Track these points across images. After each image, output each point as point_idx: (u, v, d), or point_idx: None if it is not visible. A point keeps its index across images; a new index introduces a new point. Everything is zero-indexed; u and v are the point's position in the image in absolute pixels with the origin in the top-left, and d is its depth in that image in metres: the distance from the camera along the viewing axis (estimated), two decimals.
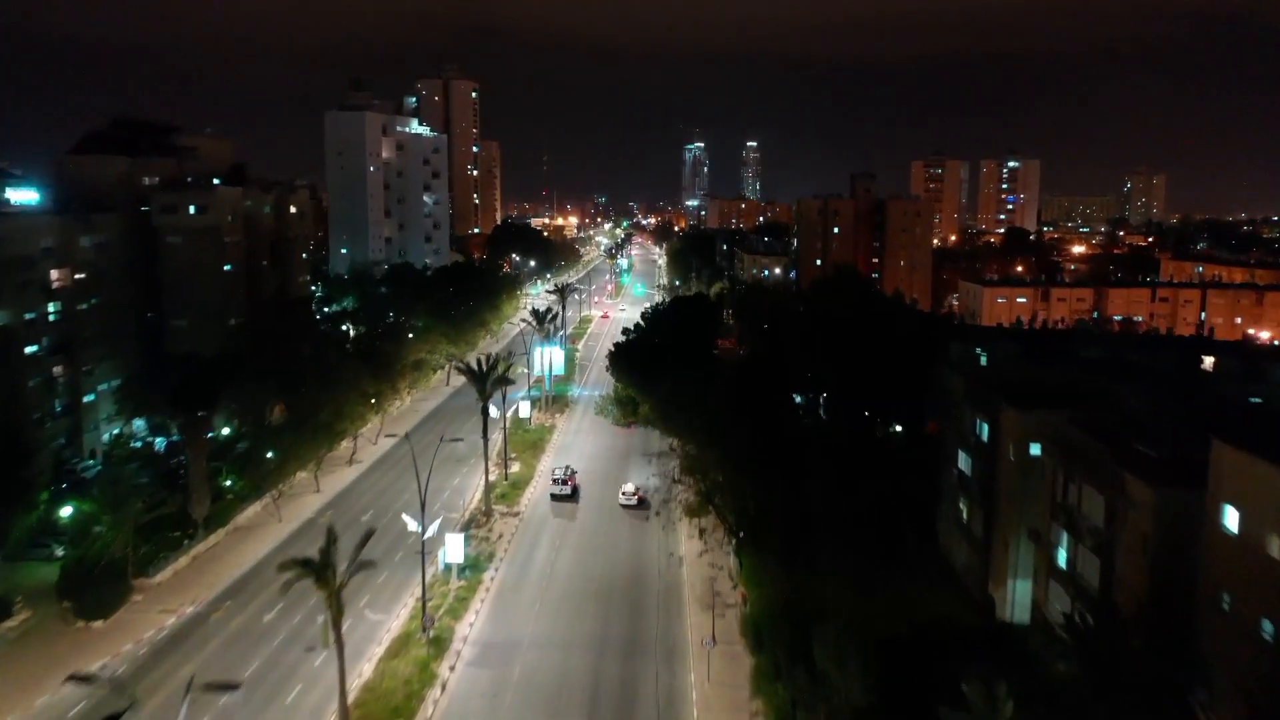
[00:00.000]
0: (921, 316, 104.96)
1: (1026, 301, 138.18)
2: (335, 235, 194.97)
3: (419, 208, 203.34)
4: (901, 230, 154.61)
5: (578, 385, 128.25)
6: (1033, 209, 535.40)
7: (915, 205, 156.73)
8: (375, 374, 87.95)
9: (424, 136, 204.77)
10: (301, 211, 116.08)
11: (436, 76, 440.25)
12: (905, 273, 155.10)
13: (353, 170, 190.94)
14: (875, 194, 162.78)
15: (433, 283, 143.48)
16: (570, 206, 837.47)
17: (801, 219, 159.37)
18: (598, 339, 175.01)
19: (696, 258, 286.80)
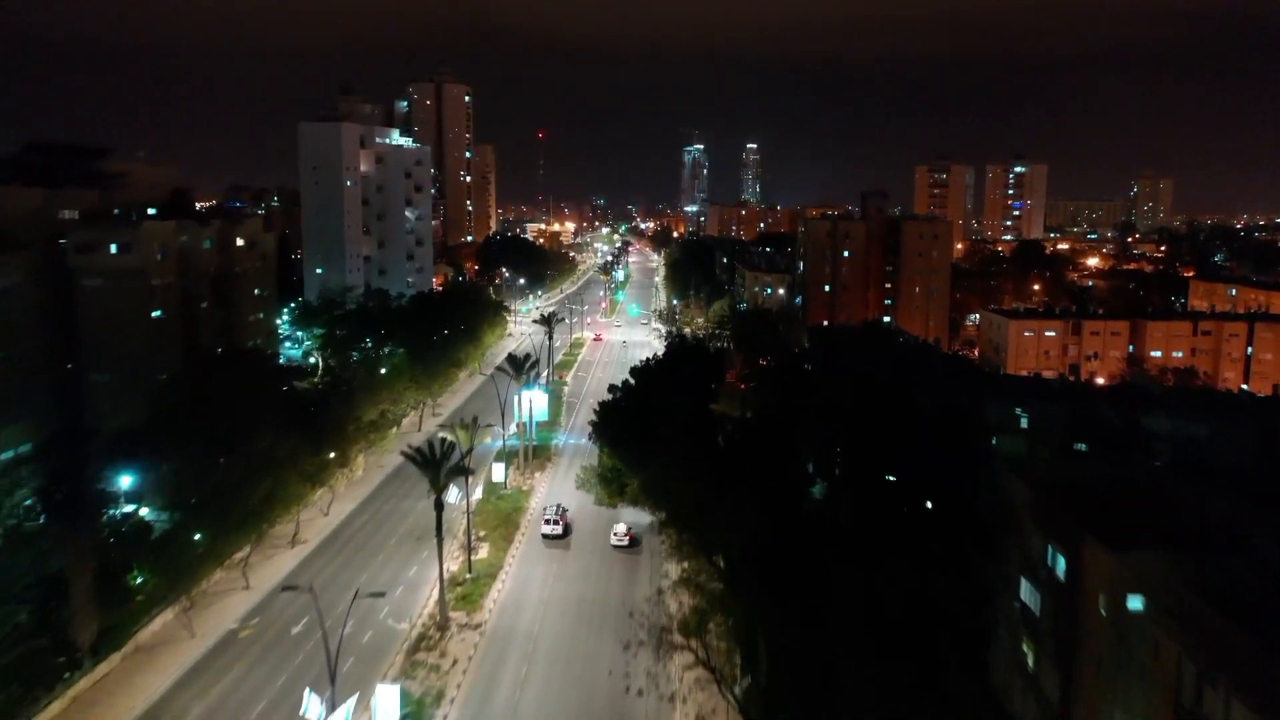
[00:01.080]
0: (948, 364, 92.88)
1: (1056, 336, 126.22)
2: (310, 254, 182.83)
3: (400, 224, 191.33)
4: (917, 254, 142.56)
5: (564, 431, 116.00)
6: (1039, 215, 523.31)
7: (932, 226, 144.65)
8: (321, 442, 75.67)
9: (406, 148, 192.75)
10: (252, 242, 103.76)
11: (429, 80, 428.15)
12: (921, 299, 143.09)
13: (328, 185, 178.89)
14: (887, 209, 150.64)
15: (405, 315, 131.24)
16: (568, 210, 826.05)
17: (808, 241, 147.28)
18: (589, 368, 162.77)
19: (695, 273, 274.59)
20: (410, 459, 63.86)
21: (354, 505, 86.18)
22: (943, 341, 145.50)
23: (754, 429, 74.50)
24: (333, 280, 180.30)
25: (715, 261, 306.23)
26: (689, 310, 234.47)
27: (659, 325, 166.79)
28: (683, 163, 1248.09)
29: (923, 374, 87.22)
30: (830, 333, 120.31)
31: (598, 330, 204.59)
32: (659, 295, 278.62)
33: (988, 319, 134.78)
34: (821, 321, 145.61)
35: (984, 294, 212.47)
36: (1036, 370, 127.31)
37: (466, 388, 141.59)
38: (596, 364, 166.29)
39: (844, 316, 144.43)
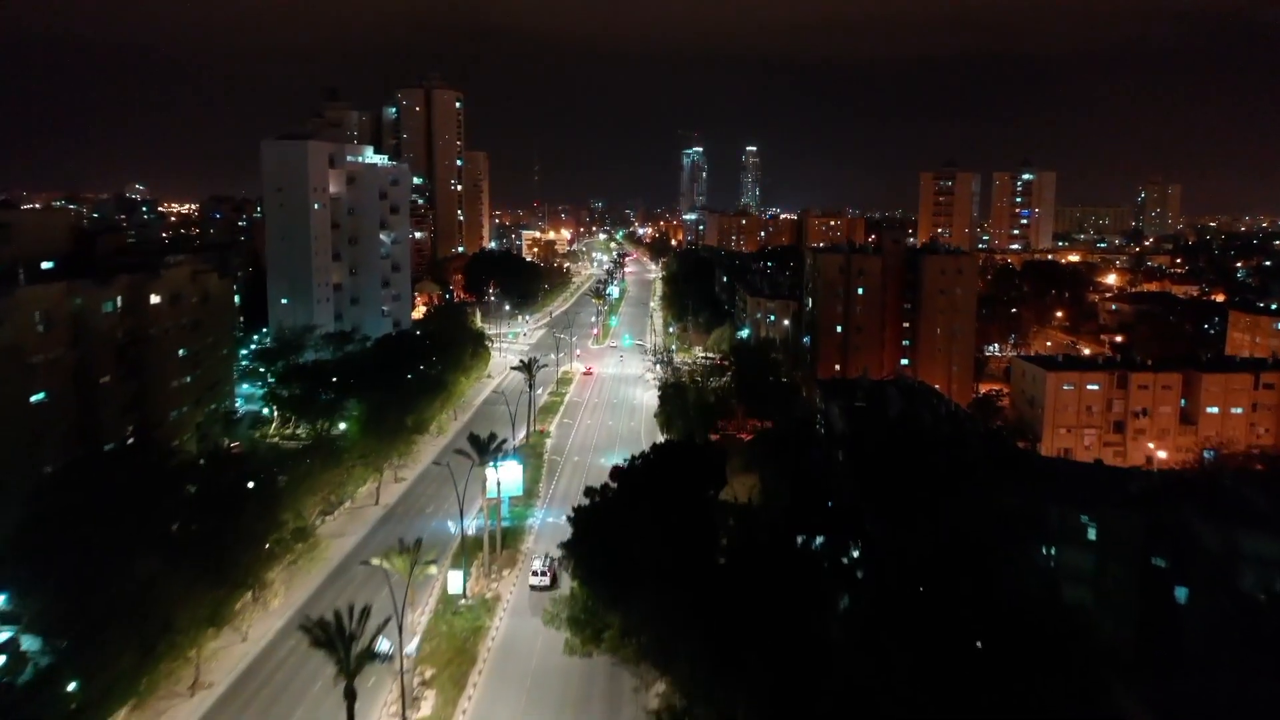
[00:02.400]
0: (988, 444, 78.44)
1: (1100, 389, 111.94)
2: (275, 284, 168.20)
3: (374, 249, 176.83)
4: (939, 291, 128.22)
5: (542, 505, 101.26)
6: (1048, 224, 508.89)
7: (955, 261, 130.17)
8: (226, 567, 61.02)
9: (380, 167, 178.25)
10: (176, 295, 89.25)
11: (418, 86, 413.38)
12: (943, 341, 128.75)
13: (293, 208, 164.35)
14: (904, 242, 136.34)
15: (365, 364, 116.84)
16: (564, 215, 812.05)
17: (818, 277, 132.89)
18: (577, 412, 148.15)
19: (694, 294, 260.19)
20: (309, 634, 48.75)
21: (281, 623, 71.66)
22: (967, 388, 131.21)
23: (764, 552, 59.98)
24: (299, 312, 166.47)
25: (714, 279, 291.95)
26: (686, 335, 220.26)
27: (653, 360, 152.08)
28: (681, 166, 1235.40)
29: (962, 459, 72.87)
30: (844, 390, 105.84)
31: (589, 362, 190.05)
32: (655, 318, 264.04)
33: (1020, 368, 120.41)
34: (833, 365, 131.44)
35: (1003, 320, 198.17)
36: (1076, 426, 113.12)
37: (439, 441, 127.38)
38: (585, 407, 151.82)
39: (858, 361, 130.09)
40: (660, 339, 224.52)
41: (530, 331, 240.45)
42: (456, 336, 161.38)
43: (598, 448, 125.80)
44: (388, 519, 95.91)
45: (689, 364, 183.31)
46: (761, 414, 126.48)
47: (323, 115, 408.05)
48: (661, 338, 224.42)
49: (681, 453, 69.96)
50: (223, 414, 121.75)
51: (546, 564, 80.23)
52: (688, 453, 70.14)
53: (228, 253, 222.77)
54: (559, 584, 75.90)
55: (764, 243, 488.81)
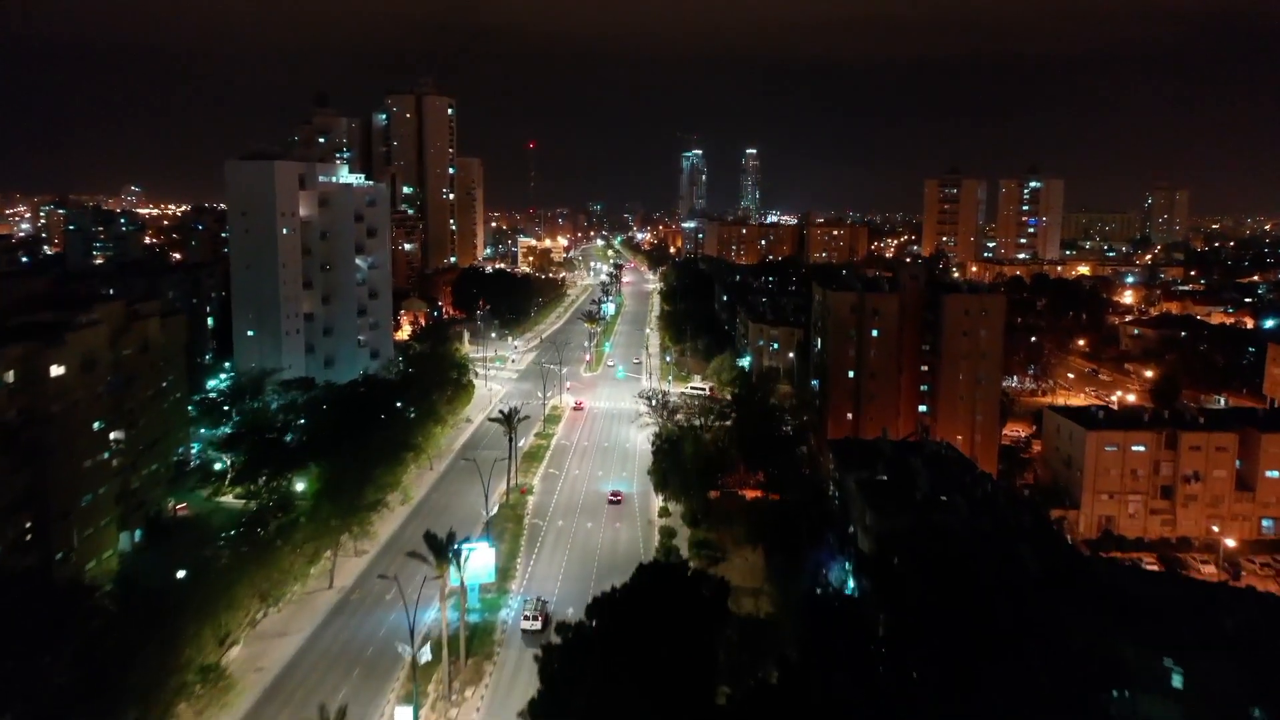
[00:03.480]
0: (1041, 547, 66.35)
1: (1146, 451, 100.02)
2: (240, 315, 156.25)
3: (350, 275, 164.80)
4: (961, 333, 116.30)
5: (516, 592, 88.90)
6: (1056, 232, 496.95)
7: (980, 300, 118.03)
8: None
9: (356, 187, 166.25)
10: (92, 360, 77.02)
11: (408, 92, 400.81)
12: (966, 388, 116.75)
13: (260, 234, 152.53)
14: (923, 279, 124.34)
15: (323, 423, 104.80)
16: (562, 219, 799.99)
17: (829, 316, 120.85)
18: (564, 459, 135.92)
19: (692, 315, 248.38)
20: None
21: None
22: (993, 440, 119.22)
23: (776, 699, 47.95)
24: (266, 345, 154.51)
25: (714, 297, 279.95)
26: (684, 361, 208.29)
27: (648, 402, 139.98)
28: (680, 168, 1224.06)
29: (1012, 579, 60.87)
30: (860, 455, 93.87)
31: (580, 394, 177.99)
32: (651, 340, 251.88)
33: (1054, 422, 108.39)
34: (845, 413, 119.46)
35: (1023, 348, 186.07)
36: (1120, 492, 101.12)
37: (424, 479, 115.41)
38: (574, 452, 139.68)
39: (872, 410, 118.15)
40: (656, 362, 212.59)
41: (520, 354, 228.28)
42: (435, 375, 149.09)
43: (586, 508, 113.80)
44: (341, 609, 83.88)
45: (687, 399, 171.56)
46: (766, 466, 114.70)
47: (311, 122, 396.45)
48: (657, 362, 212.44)
49: (672, 583, 57.66)
50: (166, 474, 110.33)
51: (537, 607, 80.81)
52: (680, 585, 57.80)
53: (200, 272, 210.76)
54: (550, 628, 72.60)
55: (764, 252, 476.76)
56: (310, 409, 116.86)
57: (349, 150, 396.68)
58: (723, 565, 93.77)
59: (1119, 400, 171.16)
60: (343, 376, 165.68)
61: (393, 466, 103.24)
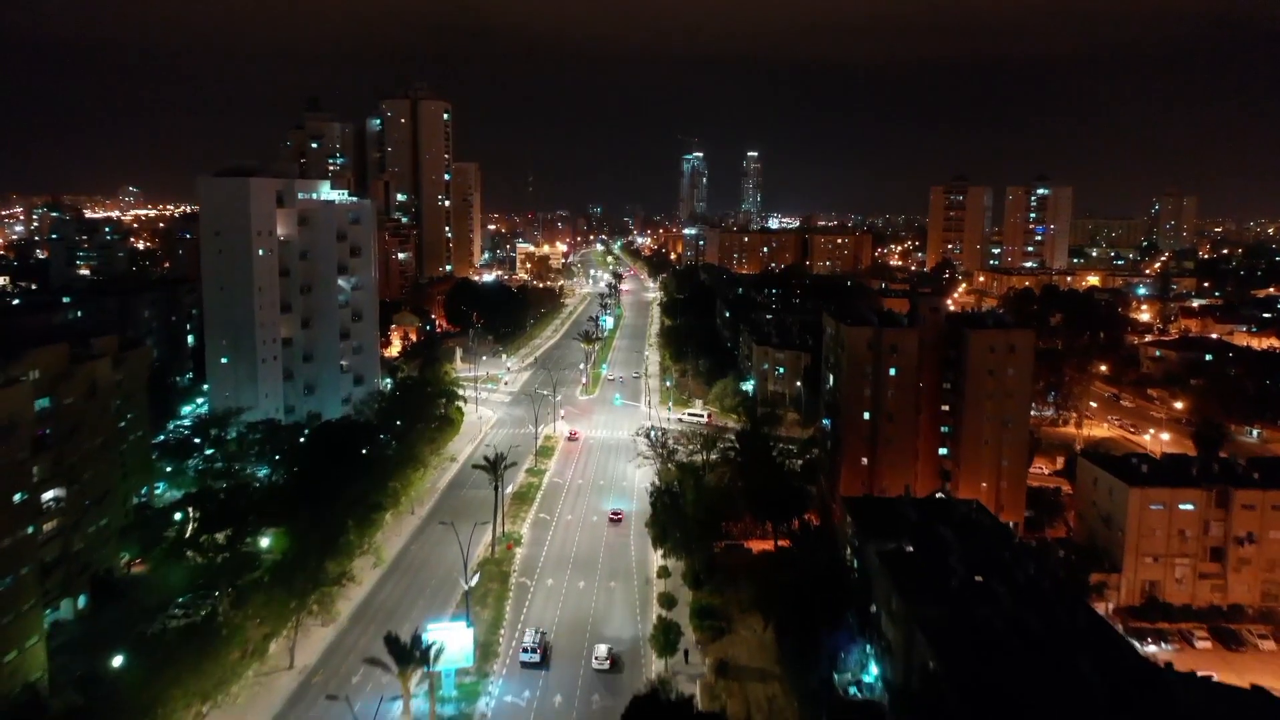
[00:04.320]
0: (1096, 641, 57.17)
1: (1195, 509, 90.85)
2: (213, 341, 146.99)
3: (331, 297, 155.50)
4: (987, 372, 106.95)
5: (499, 674, 79.41)
6: (1064, 241, 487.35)
7: (1007, 336, 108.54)
8: None
9: (338, 204, 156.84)
10: (11, 424, 67.60)
11: (403, 96, 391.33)
12: (991, 433, 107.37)
13: (234, 255, 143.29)
14: (944, 312, 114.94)
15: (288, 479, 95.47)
16: (561, 224, 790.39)
17: (843, 352, 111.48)
18: (556, 500, 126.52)
19: (693, 330, 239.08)
20: None
21: None
22: (1020, 489, 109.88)
23: None
24: (241, 373, 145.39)
25: (716, 311, 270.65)
26: (686, 383, 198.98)
27: (645, 439, 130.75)
28: (681, 171, 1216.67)
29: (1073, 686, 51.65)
30: (880, 517, 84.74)
31: (575, 421, 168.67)
32: (650, 356, 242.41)
33: (1089, 473, 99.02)
34: (860, 457, 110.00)
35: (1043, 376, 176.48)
36: (1166, 555, 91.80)
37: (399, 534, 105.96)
38: (567, 492, 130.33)
39: (889, 455, 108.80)
40: (655, 383, 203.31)
41: (514, 373, 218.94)
42: (420, 409, 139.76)
43: (579, 562, 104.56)
44: (301, 696, 74.46)
45: (686, 425, 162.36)
46: (774, 520, 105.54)
47: (303, 127, 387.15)
48: (656, 384, 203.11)
49: None
50: (125, 518, 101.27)
51: (537, 639, 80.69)
52: None
53: (180, 289, 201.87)
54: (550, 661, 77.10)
55: (766, 260, 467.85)
56: (277, 455, 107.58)
57: (342, 156, 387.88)
58: (728, 639, 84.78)
59: (1141, 430, 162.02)
60: (325, 404, 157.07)
61: (364, 528, 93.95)
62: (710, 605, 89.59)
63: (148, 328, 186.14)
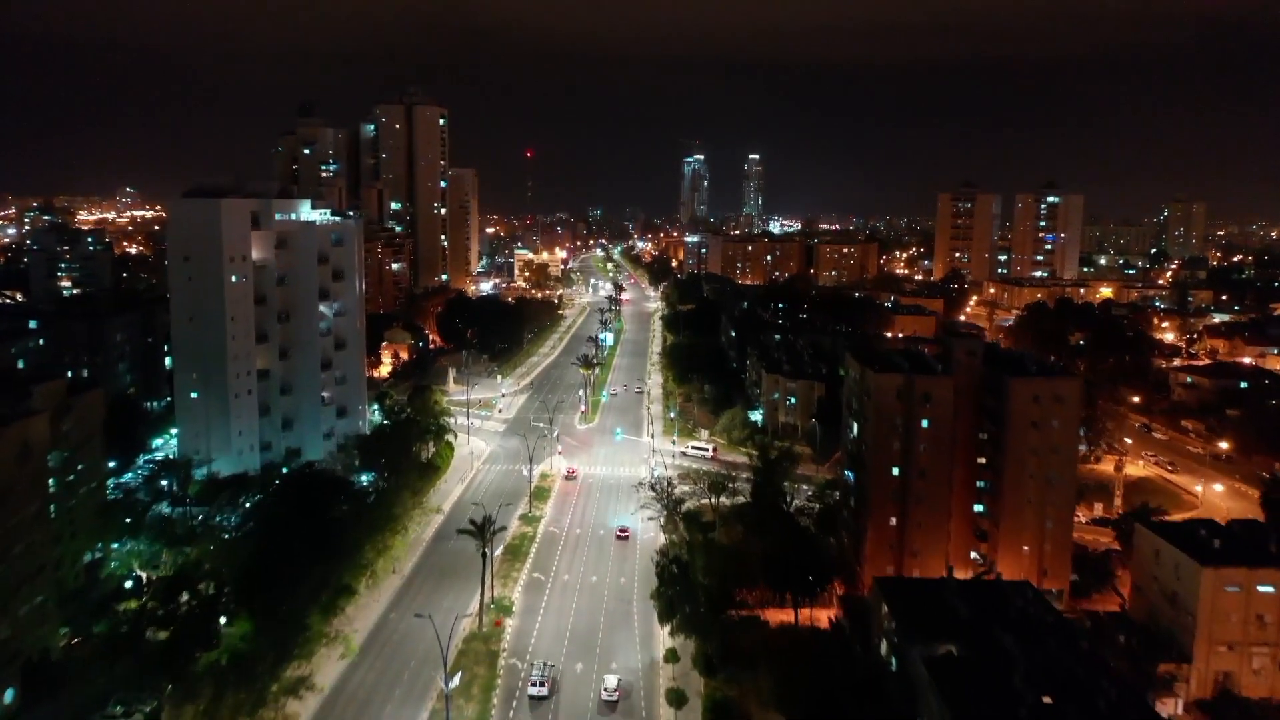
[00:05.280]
0: None
1: (1276, 592, 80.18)
2: (182, 375, 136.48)
3: (312, 325, 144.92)
4: (1030, 424, 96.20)
5: None
6: (1074, 249, 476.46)
7: (1053, 385, 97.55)
8: None
9: (320, 224, 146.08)
10: None
11: (398, 101, 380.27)
12: (1035, 492, 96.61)
13: (205, 282, 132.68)
14: (980, 355, 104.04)
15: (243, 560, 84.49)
16: (561, 229, 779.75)
17: (870, 399, 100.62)
18: (551, 556, 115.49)
19: (697, 349, 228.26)
20: None
21: None
22: (1065, 555, 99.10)
23: None
24: (213, 408, 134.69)
25: (721, 328, 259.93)
26: (691, 412, 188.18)
27: (650, 488, 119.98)
28: (682, 174, 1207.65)
29: None
30: (918, 604, 74.11)
31: (574, 455, 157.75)
32: (652, 378, 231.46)
33: (1150, 544, 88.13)
34: (889, 517, 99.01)
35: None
36: (1242, 643, 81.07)
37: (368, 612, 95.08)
38: (564, 545, 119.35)
39: (920, 514, 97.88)
40: (658, 408, 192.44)
41: (510, 396, 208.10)
42: (405, 450, 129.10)
43: (576, 636, 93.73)
44: None
45: (692, 465, 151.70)
46: (794, 588, 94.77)
47: (295, 133, 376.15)
48: (659, 409, 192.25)
49: None
50: (74, 583, 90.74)
51: (545, 673, 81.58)
52: None
53: (156, 308, 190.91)
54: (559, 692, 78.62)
55: (770, 268, 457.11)
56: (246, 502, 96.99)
57: (335, 162, 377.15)
58: None
59: (1180, 467, 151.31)
60: (305, 439, 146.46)
61: (333, 613, 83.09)
62: (726, 698, 78.92)
63: (120, 352, 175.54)
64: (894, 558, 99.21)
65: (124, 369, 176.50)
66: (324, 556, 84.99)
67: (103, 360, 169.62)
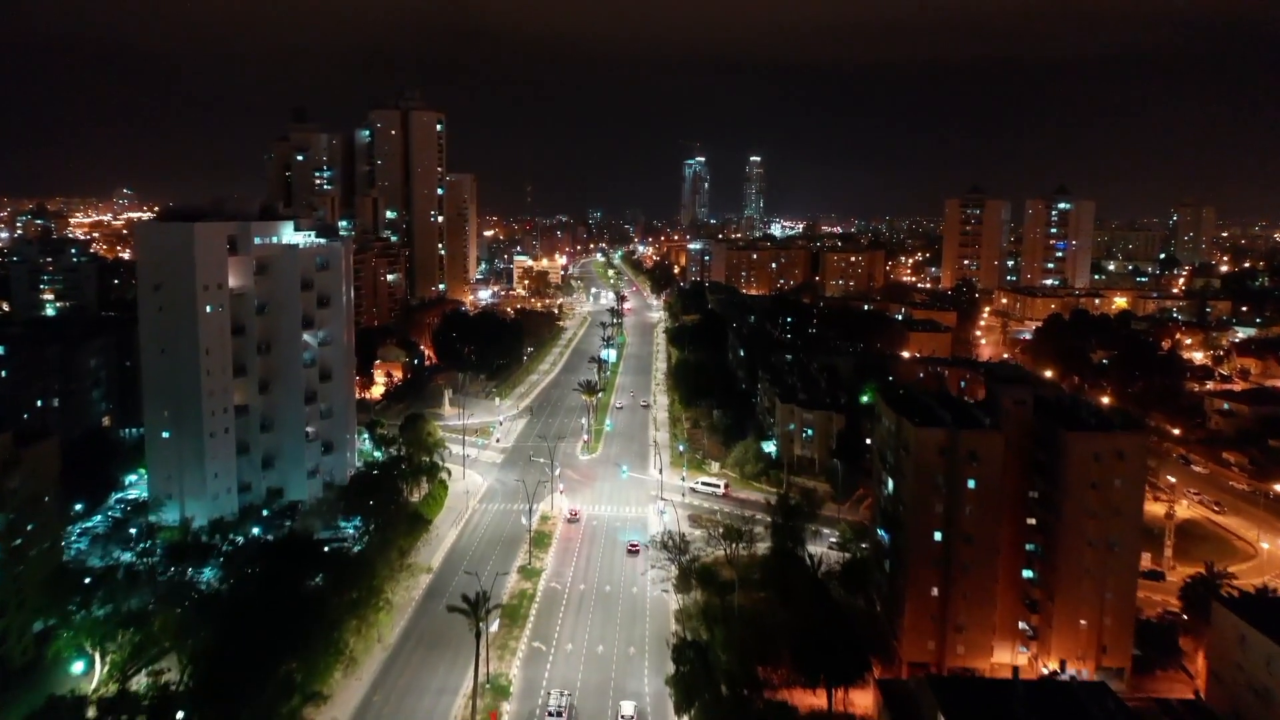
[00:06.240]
0: None
1: None
2: (152, 412, 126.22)
3: (295, 356, 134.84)
4: (1089, 486, 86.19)
5: None
6: (1086, 257, 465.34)
7: (1113, 440, 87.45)
8: None
9: (303, 248, 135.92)
10: None
11: (394, 107, 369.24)
12: (1095, 561, 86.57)
13: (177, 312, 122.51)
14: (1030, 405, 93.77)
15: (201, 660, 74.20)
16: (560, 233, 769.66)
17: (908, 455, 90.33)
18: (553, 619, 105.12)
19: (704, 367, 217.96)
20: None
21: None
22: (1127, 630, 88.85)
23: None
24: (186, 448, 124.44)
25: (728, 345, 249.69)
26: (700, 441, 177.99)
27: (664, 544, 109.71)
28: (683, 176, 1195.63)
29: None
30: (979, 712, 63.90)
31: (575, 498, 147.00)
32: (659, 401, 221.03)
33: (1232, 627, 78.16)
34: (929, 587, 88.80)
35: None
36: None
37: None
38: (567, 603, 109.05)
39: (966, 587, 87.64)
40: (665, 435, 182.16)
41: (509, 421, 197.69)
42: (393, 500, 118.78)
43: None
44: None
45: (703, 502, 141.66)
46: (825, 671, 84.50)
47: (288, 138, 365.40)
48: (666, 435, 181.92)
49: None
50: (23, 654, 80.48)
51: (564, 701, 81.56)
52: None
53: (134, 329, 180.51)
54: None
55: (775, 276, 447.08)
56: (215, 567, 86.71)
57: (329, 169, 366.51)
58: None
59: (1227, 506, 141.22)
60: (287, 478, 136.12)
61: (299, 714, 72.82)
62: None
63: (94, 378, 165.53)
64: (936, 632, 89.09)
65: (98, 396, 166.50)
66: (294, 645, 74.61)
67: (75, 388, 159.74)
